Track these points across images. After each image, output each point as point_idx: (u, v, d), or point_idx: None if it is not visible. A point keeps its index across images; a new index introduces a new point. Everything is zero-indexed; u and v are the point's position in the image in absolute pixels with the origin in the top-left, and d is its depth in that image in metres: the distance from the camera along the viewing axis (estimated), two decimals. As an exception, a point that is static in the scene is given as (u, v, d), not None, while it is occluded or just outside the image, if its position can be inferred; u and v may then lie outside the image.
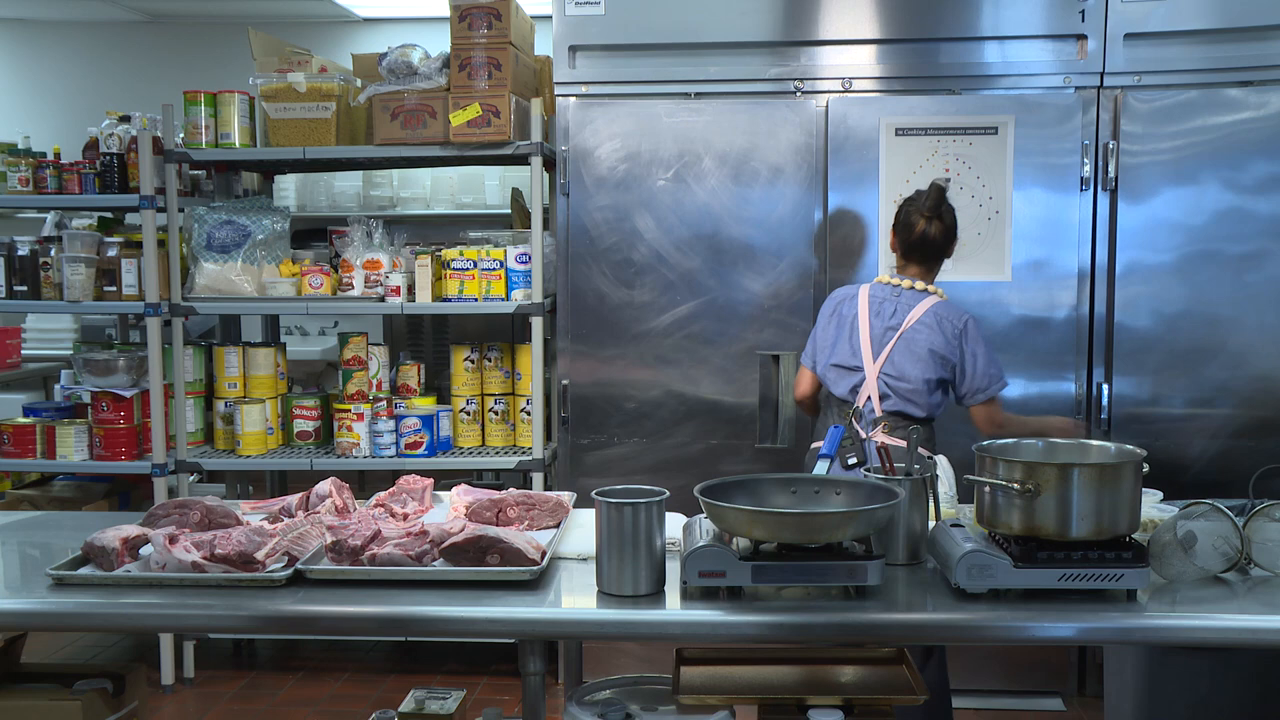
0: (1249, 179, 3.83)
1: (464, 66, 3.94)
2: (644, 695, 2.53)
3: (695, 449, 4.05)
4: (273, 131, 4.14)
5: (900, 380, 3.19)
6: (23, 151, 4.54)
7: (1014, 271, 3.92)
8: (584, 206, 4.02)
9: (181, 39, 7.06)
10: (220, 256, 4.16)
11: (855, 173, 3.92)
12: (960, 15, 3.93)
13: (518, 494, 2.61)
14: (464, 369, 4.25)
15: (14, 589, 2.30)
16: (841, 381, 3.28)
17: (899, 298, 3.25)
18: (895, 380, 3.20)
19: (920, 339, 3.18)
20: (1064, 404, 3.95)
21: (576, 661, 2.86)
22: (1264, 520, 2.24)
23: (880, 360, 3.21)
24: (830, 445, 2.54)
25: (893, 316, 3.23)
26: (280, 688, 4.26)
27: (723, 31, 3.99)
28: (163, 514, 2.48)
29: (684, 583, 2.10)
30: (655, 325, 4.03)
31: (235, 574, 2.18)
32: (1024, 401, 3.90)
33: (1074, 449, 2.36)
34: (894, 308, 3.24)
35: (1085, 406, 3.96)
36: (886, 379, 3.20)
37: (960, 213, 3.33)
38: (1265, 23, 3.82)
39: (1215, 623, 2.07)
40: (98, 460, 4.25)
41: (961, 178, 3.86)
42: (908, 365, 3.18)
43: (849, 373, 3.26)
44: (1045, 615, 2.04)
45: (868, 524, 2.08)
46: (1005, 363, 3.38)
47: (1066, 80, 3.92)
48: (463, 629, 2.39)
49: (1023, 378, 3.90)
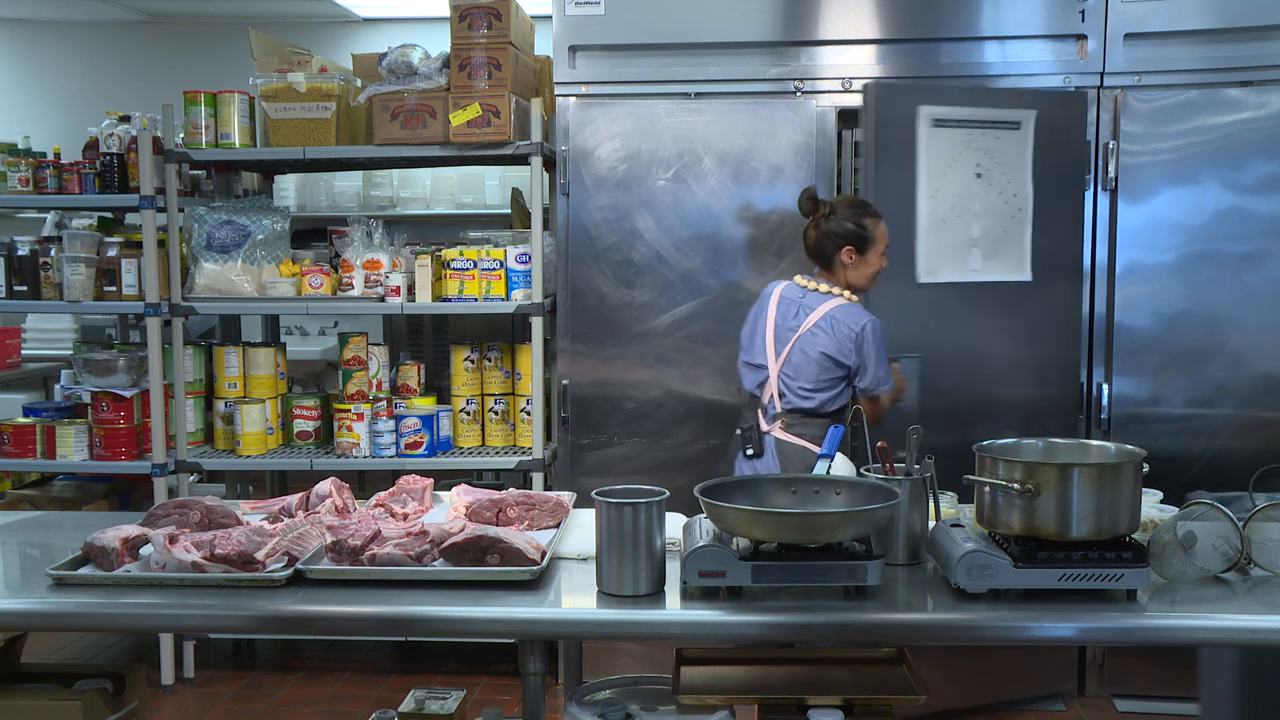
0: (1249, 179, 3.83)
1: (464, 66, 3.94)
2: (644, 695, 2.53)
3: (695, 449, 4.05)
4: (273, 131, 4.14)
5: (795, 379, 3.35)
6: (23, 151, 4.54)
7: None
8: (584, 206, 4.02)
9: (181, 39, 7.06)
10: (220, 256, 4.16)
11: (895, 160, 3.75)
12: (960, 15, 3.94)
13: (518, 494, 2.61)
14: (464, 369, 4.25)
15: (14, 589, 2.30)
16: (750, 377, 3.48)
17: (803, 299, 3.39)
18: (790, 379, 3.36)
19: (815, 342, 3.32)
20: (1065, 403, 3.96)
21: (576, 661, 2.86)
22: (1264, 520, 2.24)
23: (780, 359, 3.37)
24: (830, 445, 2.54)
25: (794, 317, 3.38)
26: (280, 688, 4.26)
27: (723, 31, 3.99)
28: (163, 514, 2.48)
29: (684, 583, 2.10)
30: (655, 325, 4.04)
31: (235, 574, 2.18)
32: (1026, 400, 3.90)
33: (1074, 449, 2.36)
34: (797, 309, 3.39)
35: (1085, 406, 3.97)
36: (785, 378, 3.37)
37: (988, 210, 3.35)
38: (1265, 23, 3.82)
39: (1215, 623, 2.07)
40: (98, 460, 4.25)
41: (990, 174, 3.82)
42: (803, 365, 3.34)
43: (756, 370, 3.45)
44: (1045, 615, 2.04)
45: (868, 524, 2.08)
46: (1012, 362, 3.37)
47: (1066, 80, 3.92)
48: (463, 629, 2.39)
49: (1026, 377, 3.90)
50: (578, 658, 2.87)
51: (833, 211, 3.38)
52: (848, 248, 3.36)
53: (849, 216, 3.37)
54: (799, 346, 3.33)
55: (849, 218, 3.37)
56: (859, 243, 3.36)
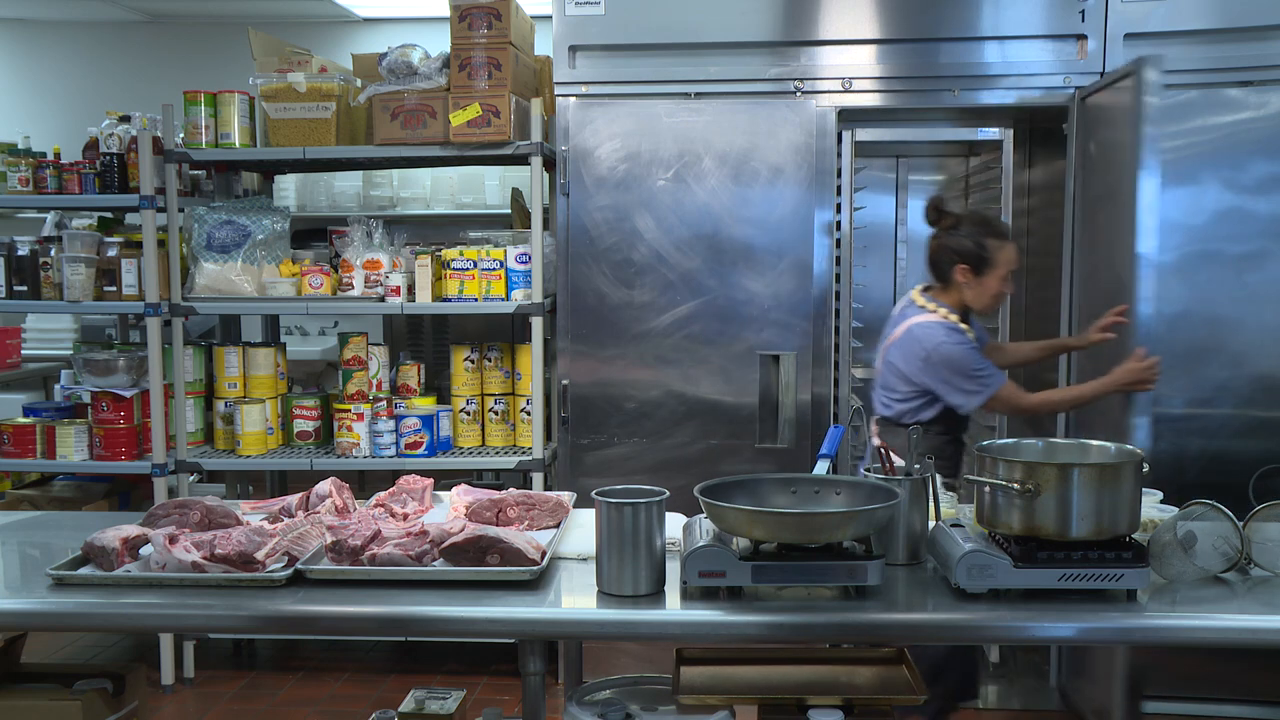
0: (1249, 179, 3.82)
1: (464, 66, 3.93)
2: (644, 695, 2.53)
3: (695, 449, 4.05)
4: (273, 131, 4.14)
5: (878, 387, 3.35)
6: (23, 151, 4.54)
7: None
8: (584, 206, 4.02)
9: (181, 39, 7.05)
10: (220, 256, 4.16)
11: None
12: (960, 15, 3.94)
13: (518, 494, 2.61)
14: (464, 369, 4.25)
15: (14, 589, 2.30)
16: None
17: (905, 309, 3.34)
18: (878, 386, 3.36)
19: (891, 354, 3.29)
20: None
21: (576, 661, 2.86)
22: (1264, 520, 2.24)
23: (877, 366, 3.38)
24: (830, 445, 2.54)
25: (890, 326, 3.35)
26: (280, 688, 4.26)
27: (723, 31, 3.99)
28: (163, 514, 2.48)
29: (684, 583, 2.10)
30: (655, 325, 4.03)
31: (235, 574, 2.18)
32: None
33: (1074, 449, 2.36)
34: (894, 321, 3.35)
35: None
36: (876, 384, 3.38)
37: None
38: (1265, 23, 3.82)
39: (1215, 623, 2.07)
40: (98, 460, 4.25)
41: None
42: (885, 375, 3.32)
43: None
44: (1045, 615, 2.04)
45: (868, 524, 2.08)
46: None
47: (1066, 80, 3.92)
48: (463, 629, 2.39)
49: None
50: (578, 658, 2.87)
51: (957, 225, 3.26)
52: (963, 266, 3.22)
53: (971, 234, 3.22)
54: (885, 356, 3.31)
55: (971, 235, 3.22)
56: (976, 263, 3.21)
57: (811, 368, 3.98)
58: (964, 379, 3.17)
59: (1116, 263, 3.45)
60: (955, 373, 3.17)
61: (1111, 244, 3.54)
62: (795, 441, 3.93)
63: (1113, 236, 3.53)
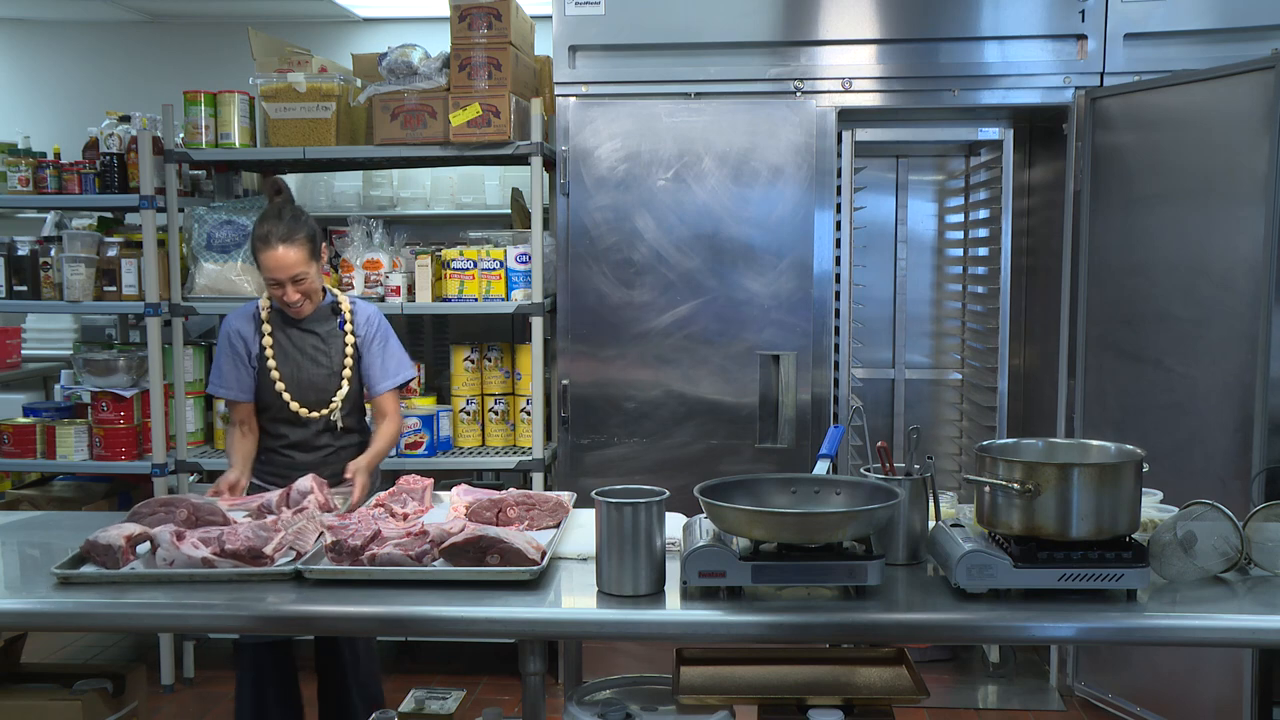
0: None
1: (464, 66, 3.94)
2: (644, 695, 2.53)
3: (695, 449, 4.04)
4: (273, 131, 4.14)
5: None
6: (23, 151, 4.54)
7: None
8: (584, 206, 4.02)
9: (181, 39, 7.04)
10: (220, 256, 4.16)
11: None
12: (960, 15, 3.93)
13: (518, 494, 2.61)
14: (464, 369, 4.25)
15: (15, 589, 2.30)
16: None
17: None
18: None
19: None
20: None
21: (576, 661, 2.86)
22: (1264, 520, 2.24)
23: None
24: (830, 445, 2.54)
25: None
26: (280, 688, 4.24)
27: (723, 31, 3.99)
28: (148, 512, 2.48)
29: (684, 583, 2.10)
30: (655, 325, 4.03)
31: (246, 569, 2.19)
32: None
33: (1074, 449, 2.36)
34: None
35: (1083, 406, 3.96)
36: None
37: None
38: (1265, 23, 3.82)
39: (1215, 623, 2.08)
40: (98, 460, 4.25)
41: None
42: None
43: None
44: (1045, 615, 2.04)
45: (868, 524, 2.08)
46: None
47: (1066, 80, 3.92)
48: (463, 629, 2.39)
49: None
50: (578, 658, 2.87)
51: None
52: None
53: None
54: None
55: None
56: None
57: (811, 368, 3.98)
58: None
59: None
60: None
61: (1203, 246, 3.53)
62: (795, 441, 3.93)
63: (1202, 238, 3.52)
